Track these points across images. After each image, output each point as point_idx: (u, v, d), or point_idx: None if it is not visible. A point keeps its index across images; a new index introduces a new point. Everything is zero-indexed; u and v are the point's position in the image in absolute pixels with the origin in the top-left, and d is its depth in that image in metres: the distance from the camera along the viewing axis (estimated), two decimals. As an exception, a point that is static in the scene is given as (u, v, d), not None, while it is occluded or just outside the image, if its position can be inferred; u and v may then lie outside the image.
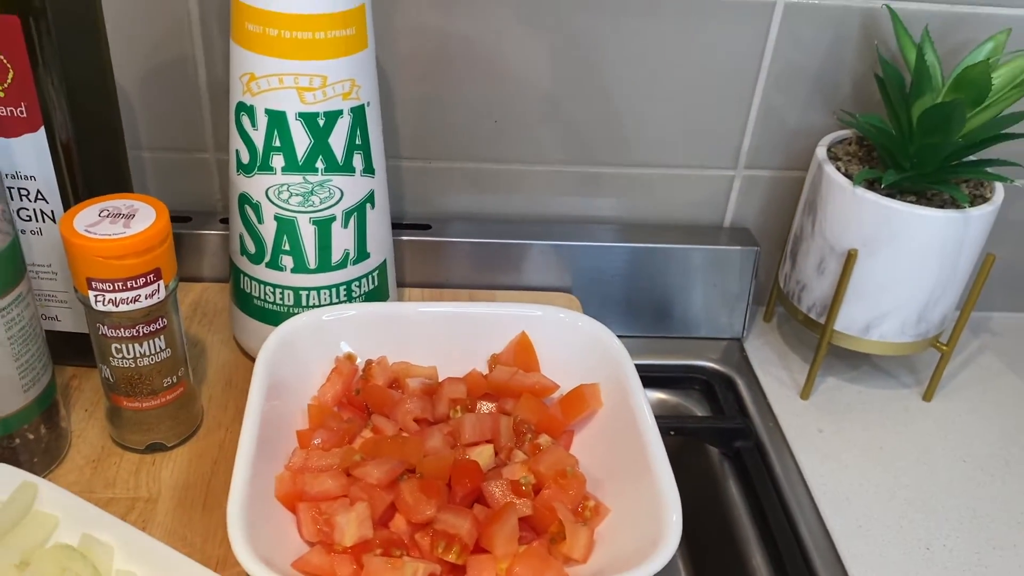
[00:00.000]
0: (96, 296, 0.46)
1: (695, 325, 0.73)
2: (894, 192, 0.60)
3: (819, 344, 0.65)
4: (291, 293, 0.55)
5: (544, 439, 0.50)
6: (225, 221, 0.67)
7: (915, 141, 0.59)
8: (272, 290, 0.56)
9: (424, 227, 0.69)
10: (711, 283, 0.71)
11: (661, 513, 0.43)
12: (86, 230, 0.45)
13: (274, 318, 0.56)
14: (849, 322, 0.64)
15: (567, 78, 0.65)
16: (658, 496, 0.44)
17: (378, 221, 0.56)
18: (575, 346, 0.55)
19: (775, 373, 0.71)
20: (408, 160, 0.68)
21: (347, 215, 0.54)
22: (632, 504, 0.46)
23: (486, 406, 0.52)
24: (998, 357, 0.75)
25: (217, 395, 0.57)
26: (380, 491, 0.45)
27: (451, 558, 0.43)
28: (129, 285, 0.46)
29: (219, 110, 0.65)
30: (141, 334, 0.48)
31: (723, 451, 0.65)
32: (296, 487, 0.45)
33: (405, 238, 0.68)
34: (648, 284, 0.71)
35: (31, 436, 0.49)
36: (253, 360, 0.60)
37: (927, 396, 0.69)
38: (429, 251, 0.68)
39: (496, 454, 0.49)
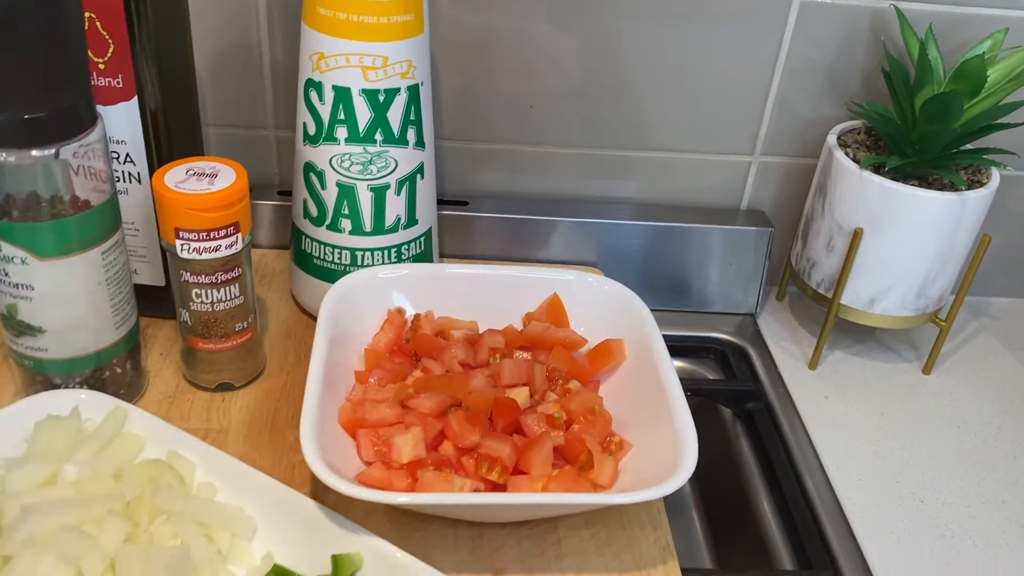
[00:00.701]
0: (182, 245, 0.52)
1: (711, 301, 0.78)
2: (898, 176, 0.66)
3: (827, 316, 0.71)
4: (348, 253, 0.61)
5: (574, 384, 0.56)
6: (282, 193, 0.73)
7: (917, 129, 0.64)
8: (331, 250, 0.62)
9: (462, 203, 0.75)
10: (727, 261, 0.76)
11: (679, 444, 0.48)
12: (176, 185, 0.52)
13: (331, 276, 0.62)
14: (855, 296, 0.70)
15: (596, 69, 0.71)
16: (677, 431, 0.49)
17: (426, 191, 0.62)
18: (602, 307, 0.60)
19: (785, 346, 0.76)
20: (449, 141, 0.74)
21: (400, 184, 0.60)
22: (653, 439, 0.51)
23: (522, 355, 0.58)
24: (995, 338, 0.80)
25: (278, 345, 0.63)
26: (431, 419, 0.51)
27: (493, 477, 0.48)
28: (212, 236, 0.52)
29: (280, 91, 0.71)
30: (219, 281, 0.54)
31: (735, 412, 0.71)
32: (357, 415, 0.51)
33: (445, 212, 0.74)
34: (668, 261, 0.76)
35: (119, 370, 0.55)
36: (310, 316, 0.66)
37: (926, 369, 0.74)
38: (466, 225, 0.74)
39: (531, 396, 0.55)
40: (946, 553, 0.58)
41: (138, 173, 0.58)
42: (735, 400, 0.71)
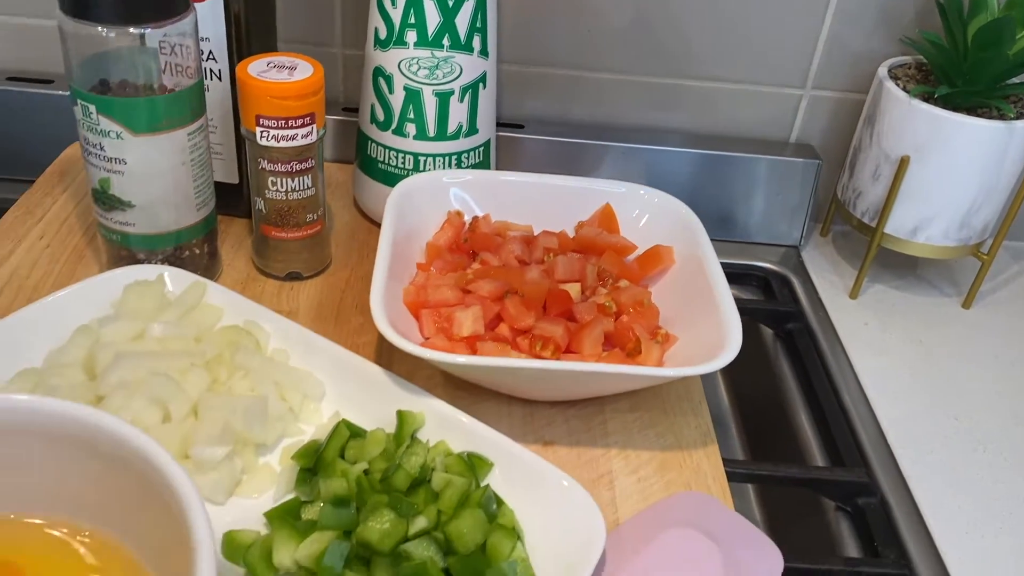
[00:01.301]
0: (262, 132, 0.56)
1: (756, 231, 0.80)
2: (947, 106, 0.67)
3: (870, 245, 0.72)
4: (411, 158, 0.64)
5: (624, 282, 0.58)
6: (347, 109, 0.77)
7: (969, 57, 0.66)
8: (395, 155, 0.65)
9: (518, 126, 0.78)
10: (774, 192, 0.78)
11: (724, 332, 0.51)
12: (259, 75, 0.55)
13: (394, 180, 0.65)
14: (899, 225, 0.71)
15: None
16: (722, 321, 0.52)
17: (487, 102, 0.65)
18: (653, 218, 0.63)
19: (827, 277, 0.78)
20: (507, 64, 0.77)
21: (463, 91, 0.63)
22: (698, 332, 0.54)
23: (575, 256, 0.60)
24: (1037, 280, 0.81)
25: (342, 245, 0.67)
26: (489, 302, 0.54)
27: (547, 355, 0.51)
28: (289, 124, 0.55)
29: (348, 9, 0.74)
30: (293, 170, 0.57)
31: (776, 332, 0.73)
32: (419, 297, 0.55)
33: (501, 134, 0.76)
34: (714, 190, 0.78)
35: (197, 251, 0.59)
36: (371, 221, 0.69)
37: (966, 304, 0.76)
38: (521, 147, 0.77)
39: (582, 292, 0.58)
40: (977, 465, 0.60)
41: (219, 70, 0.61)
42: (776, 320, 0.73)
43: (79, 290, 0.53)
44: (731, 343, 0.50)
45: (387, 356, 0.56)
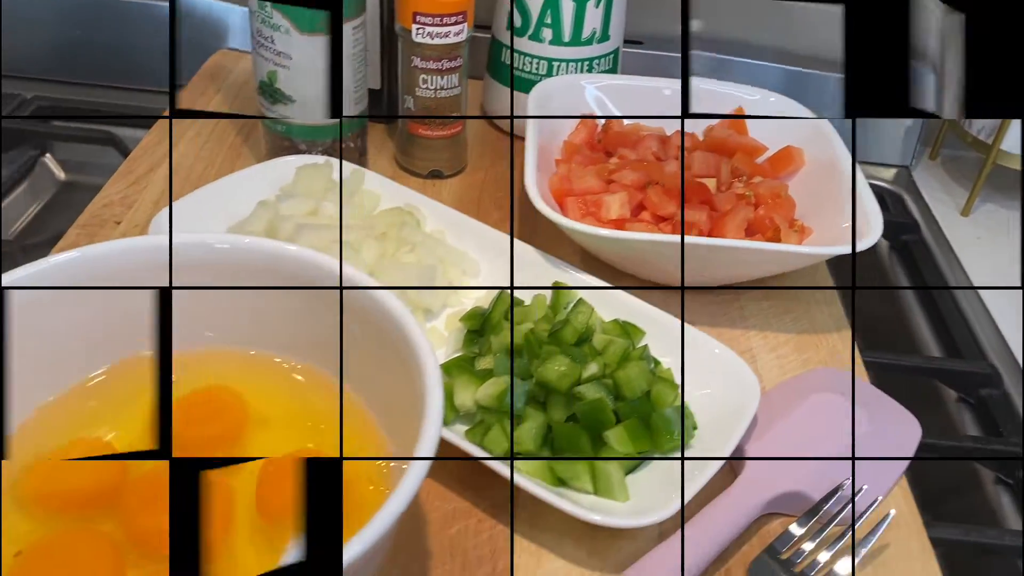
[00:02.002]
0: (418, 29, 0.59)
1: (866, 151, 0.81)
2: (1074, 18, 0.68)
3: (985, 161, 0.74)
4: (545, 64, 0.67)
5: (758, 179, 0.61)
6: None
7: (1100, -32, 0.66)
8: (530, 60, 0.67)
9: (637, 43, 0.80)
10: (887, 112, 0.79)
11: (862, 220, 0.53)
12: (416, -26, 0.58)
13: (527, 87, 0.67)
14: (1015, 141, 0.72)
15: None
16: (860, 210, 0.54)
17: (619, 8, 0.67)
18: (784, 122, 0.65)
19: (938, 196, 0.79)
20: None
21: (599, -4, 0.65)
22: (834, 223, 0.56)
23: (709, 153, 0.63)
24: None
25: (475, 150, 0.70)
26: (633, 190, 0.56)
27: (691, 238, 0.54)
28: (444, 21, 0.59)
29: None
30: (444, 68, 0.61)
31: (892, 244, 0.75)
32: (564, 186, 0.58)
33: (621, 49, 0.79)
34: (823, 108, 0.80)
35: (351, 145, 0.63)
36: (500, 129, 0.72)
37: (1081, 223, 0.76)
38: (638, 61, 0.79)
39: (718, 188, 0.60)
40: (1097, 367, 0.62)
41: (369, -25, 0.64)
42: (892, 232, 0.75)
43: (252, 173, 0.57)
44: (874, 226, 0.52)
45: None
